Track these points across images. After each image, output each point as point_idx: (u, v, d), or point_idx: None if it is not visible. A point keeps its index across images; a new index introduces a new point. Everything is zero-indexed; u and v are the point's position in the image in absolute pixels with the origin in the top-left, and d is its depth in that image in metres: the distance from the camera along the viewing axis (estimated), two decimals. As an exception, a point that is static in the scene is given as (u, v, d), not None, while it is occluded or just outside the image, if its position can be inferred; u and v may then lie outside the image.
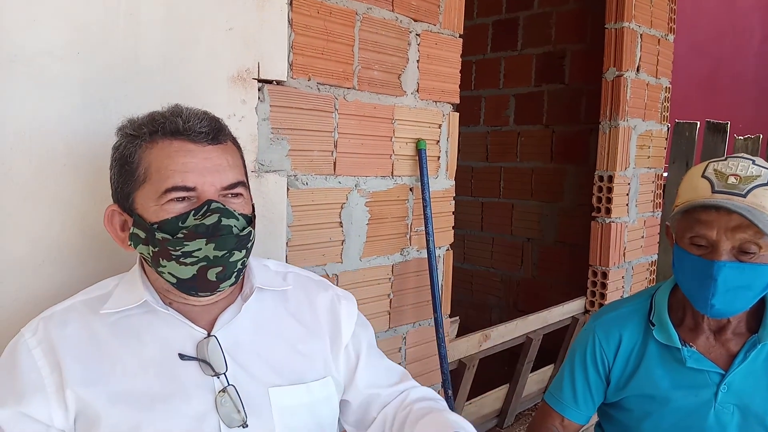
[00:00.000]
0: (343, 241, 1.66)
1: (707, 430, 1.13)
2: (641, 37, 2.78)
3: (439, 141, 1.91)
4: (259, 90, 1.38)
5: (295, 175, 1.51)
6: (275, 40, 1.40)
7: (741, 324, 1.15)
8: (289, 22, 1.43)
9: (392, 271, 1.82)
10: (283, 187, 1.46)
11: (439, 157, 1.91)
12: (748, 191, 1.02)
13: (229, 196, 0.90)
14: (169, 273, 0.87)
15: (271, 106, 1.42)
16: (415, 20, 1.77)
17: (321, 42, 1.52)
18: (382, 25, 1.67)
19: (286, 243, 1.50)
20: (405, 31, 1.74)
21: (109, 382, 0.86)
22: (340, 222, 1.64)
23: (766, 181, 1.03)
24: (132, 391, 0.87)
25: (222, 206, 0.86)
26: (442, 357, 1.90)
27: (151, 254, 0.88)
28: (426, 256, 1.88)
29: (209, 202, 0.86)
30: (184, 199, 0.86)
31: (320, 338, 1.02)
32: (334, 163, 1.60)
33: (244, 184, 0.93)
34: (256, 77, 1.36)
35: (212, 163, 0.88)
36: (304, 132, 1.52)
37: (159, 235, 0.85)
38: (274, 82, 1.42)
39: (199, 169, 0.87)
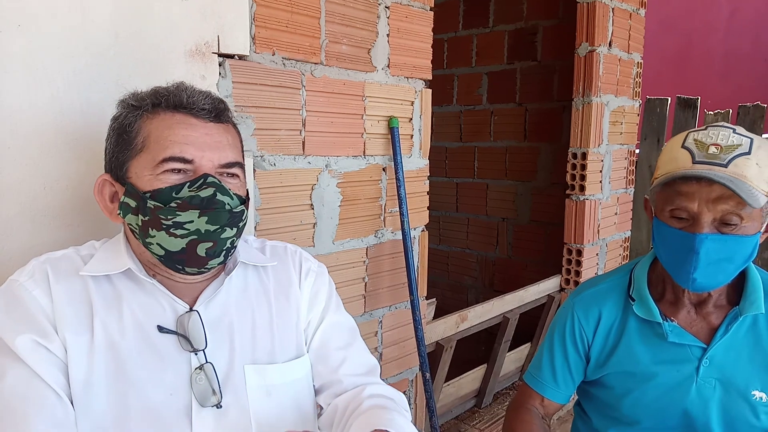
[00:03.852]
0: (314, 224, 1.60)
1: (689, 405, 1.11)
2: (613, 12, 2.76)
3: (411, 119, 1.85)
4: (219, 65, 1.31)
5: (261, 156, 1.44)
6: (235, 11, 1.32)
7: (722, 297, 1.13)
8: (250, -8, 1.35)
9: (366, 253, 1.77)
10: (249, 169, 1.39)
11: (412, 136, 1.86)
12: (730, 161, 0.99)
13: (225, 175, 0.89)
14: (157, 244, 0.85)
15: (233, 82, 1.34)
16: (384, -8, 1.70)
17: (285, 14, 1.44)
18: (350, -3, 1.60)
19: (255, 227, 1.44)
20: (374, 3, 1.67)
21: (91, 334, 0.84)
22: (311, 204, 1.58)
23: (747, 150, 1.00)
24: (111, 347, 0.85)
25: (218, 182, 0.86)
26: (419, 340, 1.87)
27: (140, 224, 0.85)
28: (401, 238, 1.84)
29: (206, 175, 0.85)
30: (180, 171, 0.85)
31: (294, 314, 1.00)
32: (303, 143, 1.54)
33: (241, 166, 0.92)
34: (216, 51, 1.29)
35: (213, 139, 0.88)
36: (270, 110, 1.45)
37: (151, 204, 0.84)
38: (236, 56, 1.35)
39: (199, 144, 0.86)
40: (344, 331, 1.06)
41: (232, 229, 0.87)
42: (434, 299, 2.17)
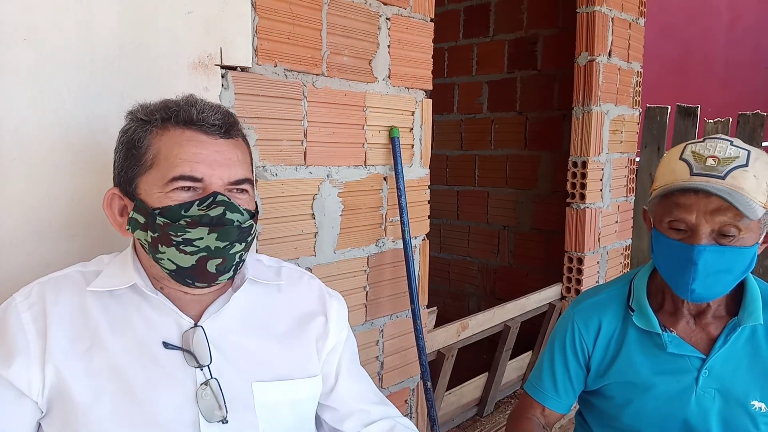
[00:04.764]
0: (315, 233, 1.61)
1: (689, 416, 1.12)
2: (612, 21, 2.78)
3: (412, 128, 1.86)
4: (222, 77, 1.32)
5: (263, 166, 1.45)
6: (238, 23, 1.33)
7: (721, 308, 1.13)
8: (252, 5, 1.37)
9: (368, 262, 1.78)
10: (251, 179, 1.40)
11: (412, 145, 1.87)
12: (727, 173, 1.00)
13: (235, 191, 0.89)
14: (168, 260, 0.85)
15: (235, 93, 1.36)
16: (385, 3, 1.72)
17: (287, 26, 1.46)
18: (351, 9, 1.62)
19: (256, 237, 1.45)
20: (374, 15, 1.69)
21: (90, 357, 0.85)
22: (312, 214, 1.59)
23: (744, 162, 1.00)
24: (114, 368, 0.85)
25: (227, 200, 0.86)
26: (421, 348, 1.88)
27: (149, 240, 0.86)
28: (402, 247, 1.85)
29: (215, 194, 0.85)
30: (189, 188, 0.85)
31: (309, 335, 1.01)
32: (305, 153, 1.55)
33: (251, 182, 0.92)
34: (219, 63, 1.30)
35: (223, 156, 0.87)
36: (272, 121, 1.46)
37: (160, 220, 0.84)
38: (239, 68, 1.36)
39: (209, 162, 0.86)
40: (357, 363, 1.11)
41: (240, 244, 0.88)
42: (435, 308, 2.18)
